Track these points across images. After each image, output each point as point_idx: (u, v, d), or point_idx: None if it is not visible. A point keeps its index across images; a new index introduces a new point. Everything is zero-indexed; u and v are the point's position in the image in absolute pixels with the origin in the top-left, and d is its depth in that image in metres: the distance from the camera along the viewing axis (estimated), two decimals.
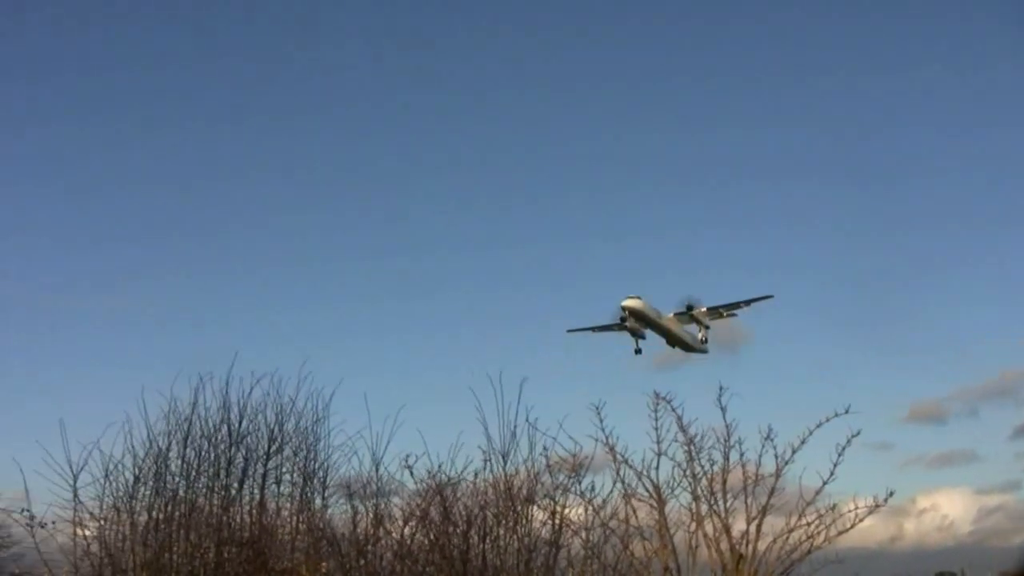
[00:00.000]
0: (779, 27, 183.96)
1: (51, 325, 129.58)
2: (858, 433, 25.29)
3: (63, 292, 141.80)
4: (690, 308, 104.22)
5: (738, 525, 25.72)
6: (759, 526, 25.47)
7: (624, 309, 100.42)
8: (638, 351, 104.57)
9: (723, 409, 26.39)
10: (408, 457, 28.17)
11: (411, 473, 28.26)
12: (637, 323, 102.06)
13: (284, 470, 30.55)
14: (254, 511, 29.89)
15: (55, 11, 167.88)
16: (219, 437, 30.19)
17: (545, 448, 27.85)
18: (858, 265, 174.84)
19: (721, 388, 26.36)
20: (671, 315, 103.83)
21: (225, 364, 30.86)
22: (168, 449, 29.96)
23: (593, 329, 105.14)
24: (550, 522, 27.43)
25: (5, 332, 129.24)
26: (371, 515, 28.57)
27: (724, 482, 26.22)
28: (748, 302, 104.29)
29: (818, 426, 25.84)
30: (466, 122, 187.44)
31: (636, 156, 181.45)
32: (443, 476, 27.96)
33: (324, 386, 31.22)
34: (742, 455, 26.22)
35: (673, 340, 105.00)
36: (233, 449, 30.16)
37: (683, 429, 26.64)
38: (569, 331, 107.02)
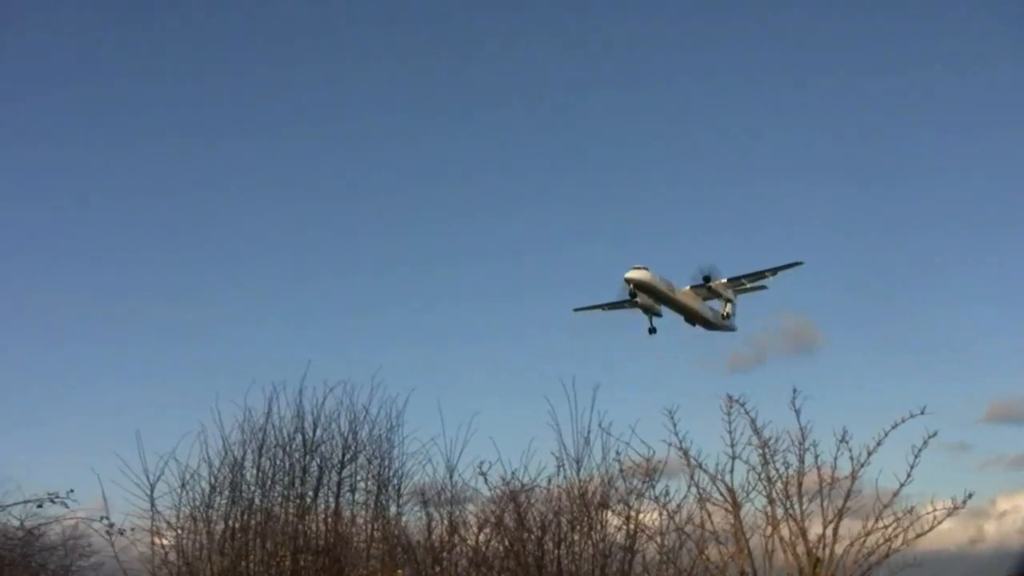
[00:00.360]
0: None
1: (125, 335, 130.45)
2: (935, 434, 25.31)
3: (137, 302, 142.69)
4: (707, 280, 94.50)
5: (814, 529, 25.80)
6: (836, 529, 25.51)
7: (629, 282, 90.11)
8: (652, 330, 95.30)
9: (797, 412, 26.48)
10: (482, 464, 28.54)
11: (485, 480, 28.65)
12: (648, 298, 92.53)
13: (359, 478, 30.84)
14: (329, 519, 30.21)
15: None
16: (294, 446, 30.60)
17: (618, 453, 28.05)
18: (933, 260, 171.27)
19: (794, 391, 26.42)
20: (687, 288, 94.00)
21: (298, 373, 31.32)
22: (243, 458, 30.41)
23: (603, 307, 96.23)
24: (625, 527, 27.53)
25: (81, 343, 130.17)
26: (446, 522, 28.84)
27: (800, 485, 26.28)
28: (774, 270, 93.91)
29: (894, 427, 25.90)
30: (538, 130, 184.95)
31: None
32: (517, 482, 28.27)
33: (397, 394, 31.49)
34: (817, 458, 26.33)
35: (692, 316, 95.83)
36: (308, 458, 30.55)
37: (757, 432, 26.75)
38: (576, 310, 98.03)
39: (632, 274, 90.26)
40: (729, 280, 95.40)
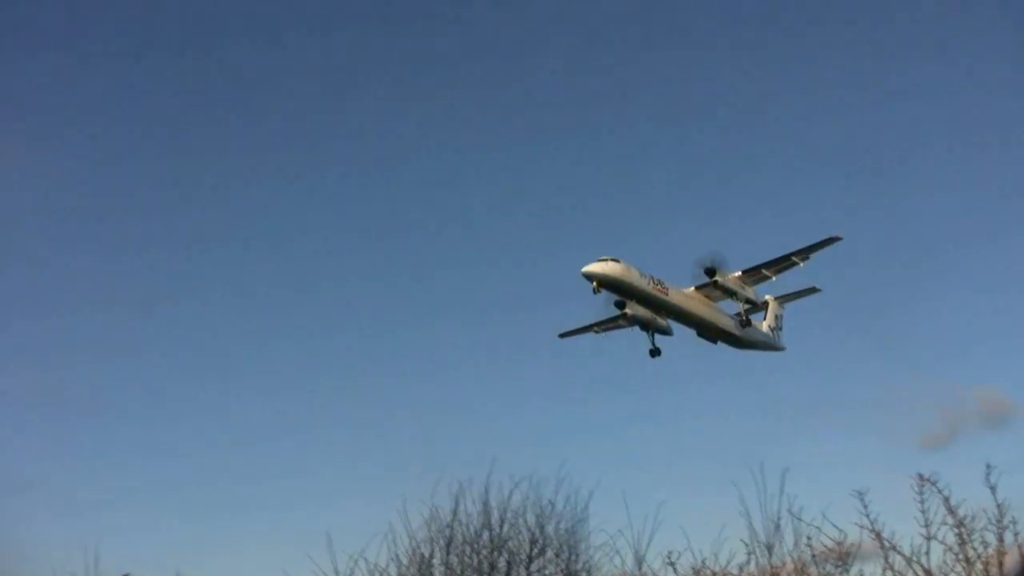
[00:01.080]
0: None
1: (314, 435, 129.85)
2: None
3: (325, 403, 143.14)
4: (712, 274, 72.62)
5: None
6: None
7: (591, 279, 65.89)
8: (654, 352, 76.32)
9: (992, 488, 26.76)
10: (671, 553, 28.83)
11: (675, 570, 29.02)
12: (640, 307, 72.57)
13: (547, 573, 31.24)
14: None
15: None
16: (481, 542, 31.21)
17: (809, 538, 28.17)
18: None
19: (988, 466, 26.60)
20: (690, 289, 74.00)
21: (483, 469, 31.96)
22: (431, 556, 31.11)
23: (594, 329, 79.05)
24: None
25: (267, 447, 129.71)
26: None
27: (1000, 565, 26.36)
28: (806, 252, 73.14)
29: None
30: None
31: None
32: (708, 571, 28.62)
33: (582, 486, 31.90)
34: (1017, 535, 26.44)
35: (704, 328, 75.86)
36: (495, 554, 31.11)
37: (952, 511, 27.07)
38: (561, 335, 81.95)
39: (594, 268, 66.19)
40: (745, 273, 74.77)
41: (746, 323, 77.31)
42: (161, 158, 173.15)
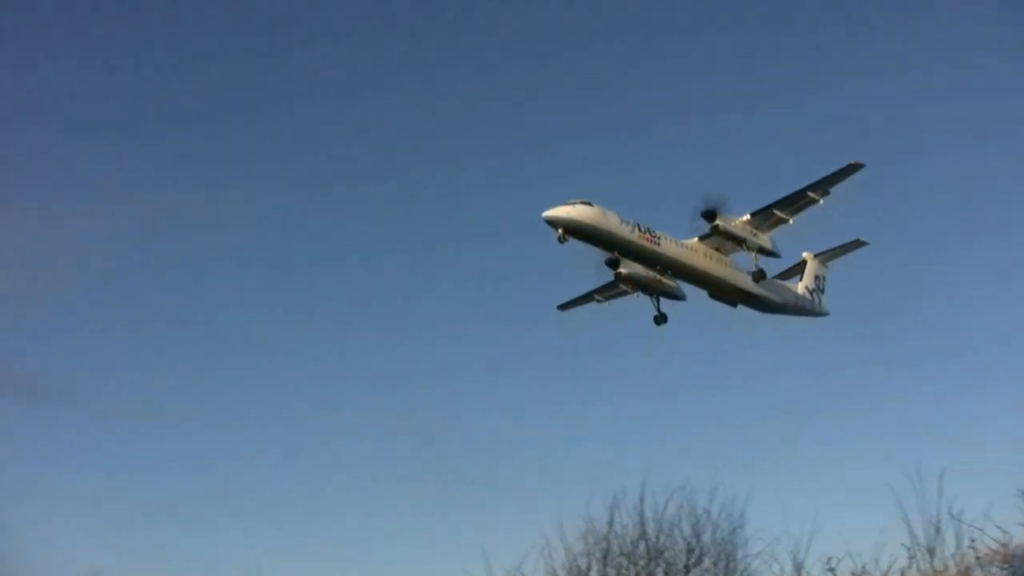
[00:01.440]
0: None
1: (468, 451, 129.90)
2: None
3: (473, 415, 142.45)
4: (711, 217, 61.87)
5: None
6: None
7: (554, 226, 56.17)
8: (660, 319, 67.55)
9: None
10: (830, 559, 28.79)
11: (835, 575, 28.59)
12: (638, 265, 63.19)
13: None
14: None
15: None
16: (637, 554, 31.81)
17: (972, 540, 27.70)
18: None
19: None
20: (693, 240, 63.83)
21: (637, 479, 32.55)
22: (588, 569, 31.88)
23: (595, 298, 70.28)
24: None
25: (422, 464, 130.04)
26: None
27: None
28: (824, 184, 62.16)
29: None
30: None
31: None
32: None
33: (737, 494, 32.04)
34: None
35: (716, 288, 65.84)
36: (652, 564, 31.66)
37: None
38: (560, 307, 72.96)
39: (558, 212, 56.26)
40: (754, 216, 63.99)
41: (760, 276, 65.80)
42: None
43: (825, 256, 74.95)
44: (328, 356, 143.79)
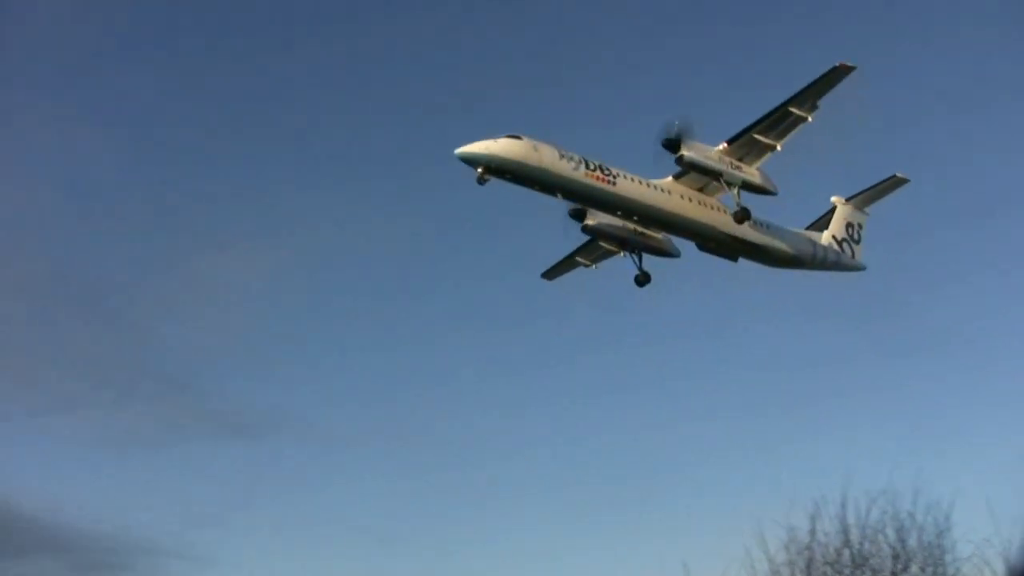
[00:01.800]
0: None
1: (664, 464, 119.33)
2: None
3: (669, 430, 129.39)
4: (675, 148, 51.58)
5: None
6: None
7: (473, 164, 47.52)
8: (642, 278, 58.73)
9: None
10: None
11: None
12: (606, 214, 54.38)
13: None
14: None
15: None
16: (841, 562, 31.49)
17: None
18: None
19: None
20: (667, 179, 54.56)
21: (837, 485, 31.84)
22: None
23: (580, 261, 60.92)
24: None
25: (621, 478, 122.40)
26: None
27: None
28: (809, 95, 51.53)
29: None
30: None
31: None
32: None
33: (942, 495, 31.29)
34: None
35: (695, 234, 56.17)
36: (857, 572, 31.55)
37: None
38: (544, 276, 63.32)
39: (474, 148, 47.44)
40: (731, 144, 53.48)
41: (743, 216, 54.85)
42: None
43: (859, 200, 65.20)
44: None
